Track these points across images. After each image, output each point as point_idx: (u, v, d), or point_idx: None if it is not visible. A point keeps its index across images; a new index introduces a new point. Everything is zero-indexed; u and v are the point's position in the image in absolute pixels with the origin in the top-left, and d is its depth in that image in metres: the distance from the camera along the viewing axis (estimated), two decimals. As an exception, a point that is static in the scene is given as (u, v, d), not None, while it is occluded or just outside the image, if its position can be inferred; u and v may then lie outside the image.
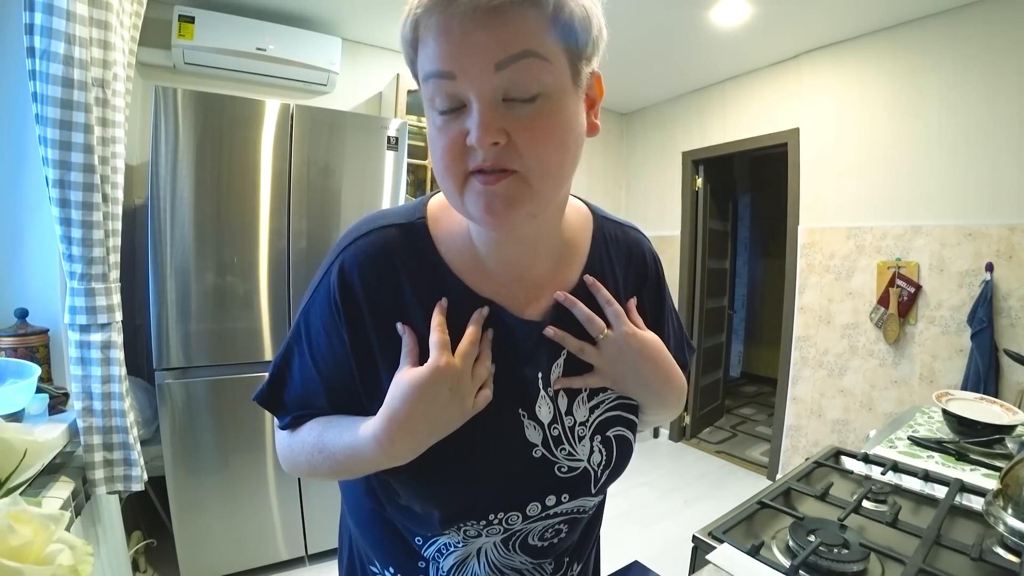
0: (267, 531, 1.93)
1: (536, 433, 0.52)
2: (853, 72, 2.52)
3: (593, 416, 0.54)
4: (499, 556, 0.56)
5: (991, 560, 0.70)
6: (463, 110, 0.40)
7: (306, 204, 1.90)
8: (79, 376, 1.12)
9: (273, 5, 2.30)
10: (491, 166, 0.40)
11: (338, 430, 0.50)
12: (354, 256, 0.50)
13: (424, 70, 0.41)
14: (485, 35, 0.37)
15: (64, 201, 1.05)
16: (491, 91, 0.39)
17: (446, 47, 0.38)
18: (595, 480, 0.55)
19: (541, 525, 0.54)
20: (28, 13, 0.97)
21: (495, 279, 0.52)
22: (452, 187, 0.43)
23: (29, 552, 0.41)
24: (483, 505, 0.51)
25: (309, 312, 0.52)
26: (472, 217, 0.45)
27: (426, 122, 0.44)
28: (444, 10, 0.37)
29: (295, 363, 0.53)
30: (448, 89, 0.39)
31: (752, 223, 5.21)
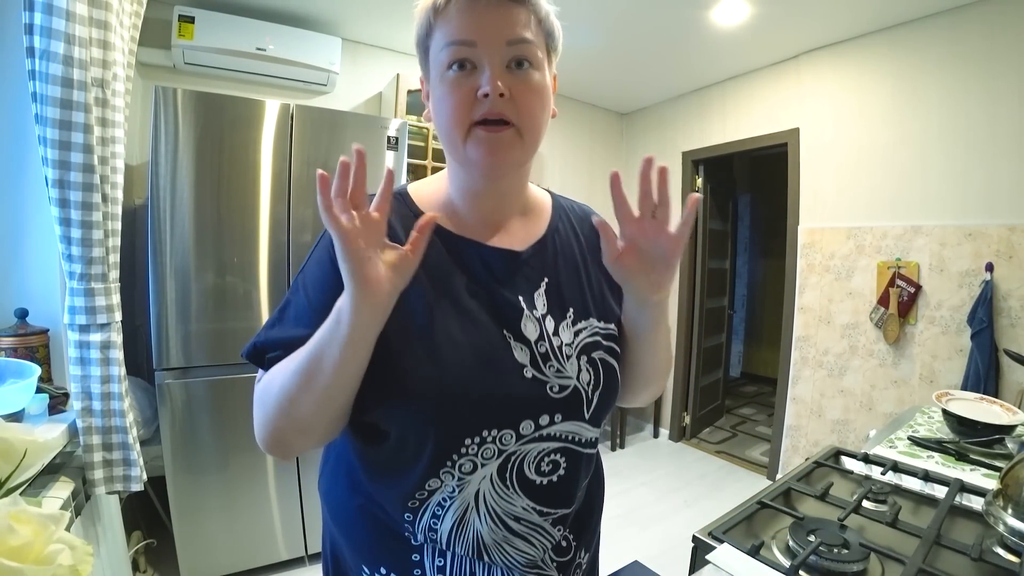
0: (267, 531, 1.93)
1: (523, 354, 0.56)
2: (853, 72, 2.52)
3: (578, 339, 0.59)
4: (498, 498, 0.56)
5: (991, 560, 0.70)
6: (475, 71, 0.51)
7: (306, 204, 1.90)
8: (79, 376, 1.12)
9: (273, 5, 2.30)
10: (496, 116, 0.51)
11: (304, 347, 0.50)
12: None
13: (447, 39, 0.51)
14: (500, 19, 0.51)
15: (64, 201, 1.05)
16: (500, 59, 0.51)
17: (470, 22, 0.50)
18: (587, 402, 0.58)
19: (536, 449, 0.56)
20: (28, 13, 0.97)
21: (472, 228, 0.60)
22: (458, 135, 0.52)
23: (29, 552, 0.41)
24: (477, 420, 0.53)
25: (305, 271, 0.57)
26: (471, 161, 0.53)
27: (433, 86, 0.54)
28: (461, 1, 0.50)
29: (288, 313, 0.56)
30: (467, 54, 0.51)
31: (752, 223, 5.21)
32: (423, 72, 0.58)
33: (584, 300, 0.63)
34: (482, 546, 0.57)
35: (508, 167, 0.55)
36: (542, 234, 0.64)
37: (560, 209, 0.68)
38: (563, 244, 0.65)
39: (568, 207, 0.70)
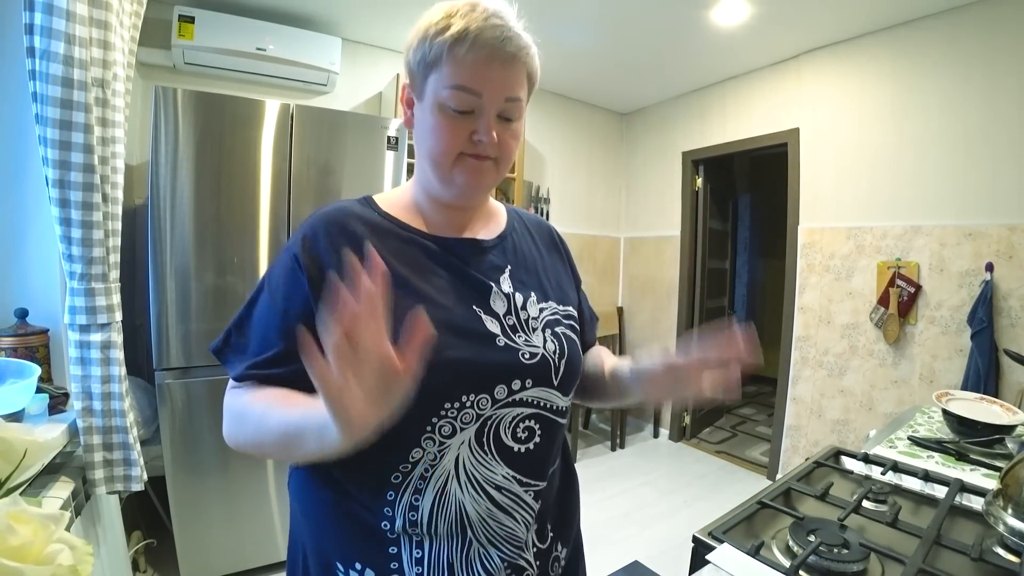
0: (267, 531, 1.93)
1: (494, 324, 0.61)
2: (853, 72, 2.52)
3: (542, 315, 0.66)
4: (477, 464, 0.59)
5: (991, 560, 0.70)
6: (471, 115, 0.58)
7: (306, 204, 1.90)
8: (79, 376, 1.12)
9: (273, 5, 2.31)
10: (484, 154, 0.60)
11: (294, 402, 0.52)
12: (316, 216, 0.62)
13: (456, 81, 0.56)
14: (502, 76, 0.58)
15: (64, 201, 1.05)
16: (497, 111, 0.59)
17: (480, 75, 0.56)
18: (555, 369, 0.64)
19: (511, 414, 0.60)
20: (28, 13, 0.97)
21: (440, 229, 0.66)
22: (446, 160, 0.59)
23: (29, 552, 0.41)
24: (455, 385, 0.57)
25: (272, 270, 0.62)
26: (454, 185, 0.61)
27: (425, 110, 0.60)
28: (479, 50, 0.56)
29: (255, 311, 0.61)
30: (470, 100, 0.57)
31: (752, 223, 5.21)
32: (411, 84, 0.62)
33: (543, 287, 0.70)
34: (466, 520, 0.58)
35: (485, 190, 0.64)
36: (501, 231, 0.72)
37: (514, 214, 0.77)
38: (520, 241, 0.73)
39: (521, 213, 0.79)
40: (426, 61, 0.58)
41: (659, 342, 3.66)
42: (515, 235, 0.73)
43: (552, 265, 0.75)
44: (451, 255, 0.64)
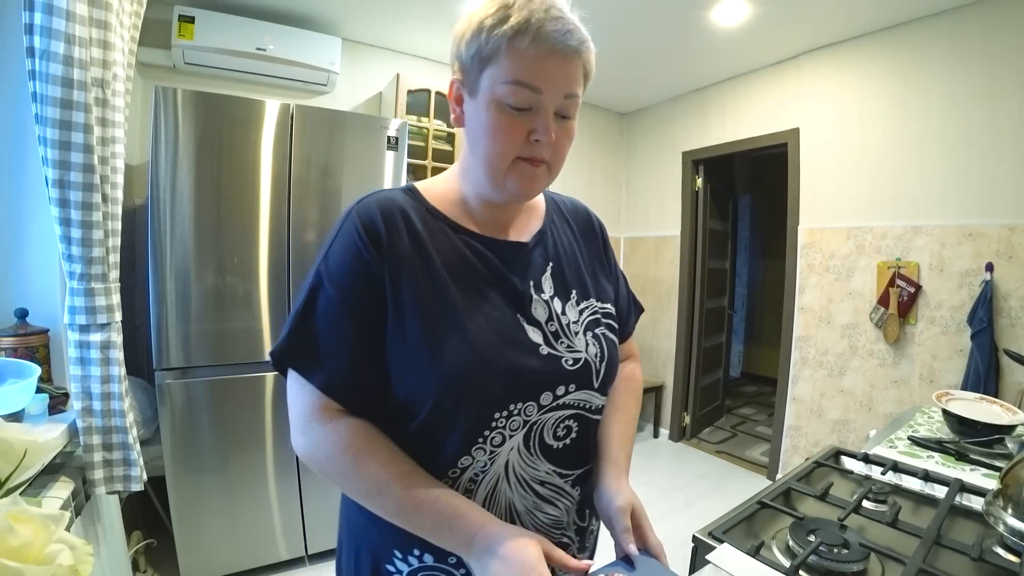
0: (267, 531, 1.93)
1: (536, 334, 0.62)
2: (853, 72, 2.52)
3: (582, 317, 0.67)
4: (525, 466, 0.61)
5: (991, 560, 0.70)
6: (529, 112, 0.56)
7: (306, 204, 1.90)
8: (78, 376, 1.12)
9: (273, 5, 2.31)
10: (540, 157, 0.58)
11: (432, 494, 0.55)
12: (369, 204, 0.61)
13: (515, 75, 0.54)
14: (563, 71, 0.56)
15: (64, 201, 1.05)
16: (555, 108, 0.57)
17: (541, 70, 0.54)
18: (596, 372, 0.65)
19: (554, 417, 0.62)
20: (28, 13, 0.97)
21: (484, 226, 0.66)
22: (500, 164, 0.58)
23: (29, 552, 0.41)
24: (504, 395, 0.58)
25: (330, 259, 0.59)
26: (506, 189, 0.60)
27: (479, 106, 0.57)
28: (541, 44, 0.53)
29: (319, 309, 0.58)
30: (529, 97, 0.55)
31: (752, 223, 5.21)
32: (463, 79, 0.59)
33: (583, 283, 0.70)
34: (515, 513, 0.62)
35: (535, 194, 0.65)
36: (541, 225, 0.71)
37: (552, 203, 0.76)
38: (560, 233, 0.72)
39: (559, 200, 0.78)
40: (482, 54, 0.55)
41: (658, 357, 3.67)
42: (554, 228, 0.72)
43: (591, 256, 0.74)
44: (497, 260, 0.63)
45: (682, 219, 3.48)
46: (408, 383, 0.57)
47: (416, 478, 0.56)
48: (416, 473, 0.56)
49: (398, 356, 0.57)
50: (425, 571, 0.61)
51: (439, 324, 0.57)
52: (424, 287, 0.58)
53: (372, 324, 0.57)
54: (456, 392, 0.56)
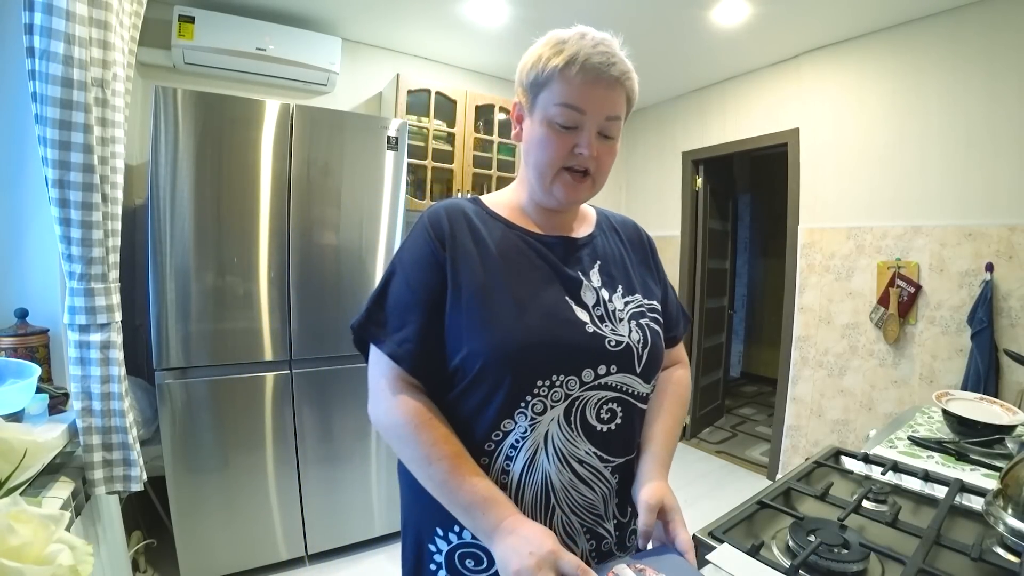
0: (267, 531, 1.93)
1: (583, 314, 0.68)
2: (853, 72, 2.51)
3: (627, 307, 0.73)
4: (565, 440, 0.66)
5: (991, 560, 0.70)
6: (575, 130, 0.66)
7: (306, 204, 1.90)
8: (78, 376, 1.12)
9: (273, 5, 2.31)
10: (583, 168, 0.68)
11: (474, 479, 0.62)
12: (437, 208, 0.72)
13: (563, 99, 0.65)
14: (605, 97, 0.66)
15: (63, 201, 1.05)
16: (598, 128, 0.67)
17: (585, 95, 0.65)
18: (638, 357, 0.70)
19: (596, 396, 0.67)
20: (28, 13, 0.97)
21: (538, 228, 0.75)
22: (549, 173, 0.68)
23: (29, 552, 0.41)
24: (548, 365, 0.64)
25: (403, 253, 0.71)
26: (553, 196, 0.70)
27: (534, 124, 0.68)
28: (586, 73, 0.64)
29: (391, 291, 0.69)
30: (574, 117, 0.65)
31: (752, 223, 5.21)
32: (524, 102, 0.71)
33: (630, 281, 0.77)
34: (551, 488, 0.66)
35: (579, 203, 0.75)
36: (592, 231, 0.79)
37: (602, 216, 0.85)
38: (608, 240, 0.80)
39: (608, 214, 0.87)
40: (538, 81, 0.67)
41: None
42: (603, 235, 0.80)
43: (638, 262, 0.82)
44: (548, 250, 0.72)
45: (682, 219, 3.48)
46: (461, 349, 0.65)
47: (465, 461, 0.63)
48: (465, 456, 0.63)
49: (454, 326, 0.65)
50: (464, 548, 0.68)
51: (490, 297, 0.65)
52: (479, 267, 0.67)
53: (435, 303, 0.66)
54: (501, 357, 0.62)
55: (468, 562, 0.68)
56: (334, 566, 2.04)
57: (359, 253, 2.03)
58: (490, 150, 2.88)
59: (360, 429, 2.07)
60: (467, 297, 0.65)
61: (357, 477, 2.09)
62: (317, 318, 1.95)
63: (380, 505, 2.15)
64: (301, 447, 1.96)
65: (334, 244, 1.97)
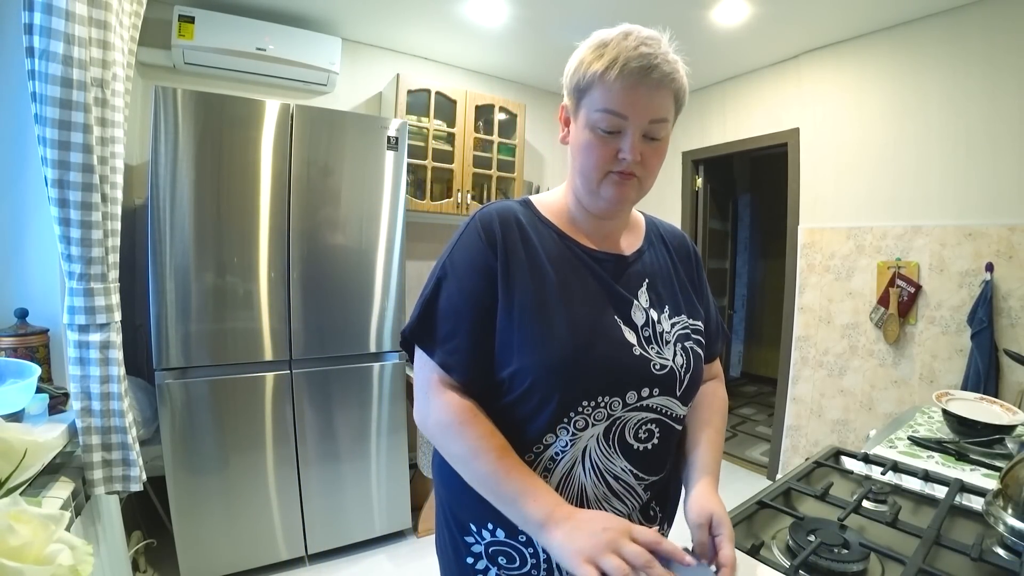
0: (267, 531, 1.93)
1: (631, 335, 0.68)
2: (853, 72, 2.51)
3: (674, 329, 0.72)
4: (601, 457, 0.66)
5: (991, 560, 0.70)
6: (618, 135, 0.64)
7: (306, 204, 1.90)
8: (78, 376, 1.12)
9: (273, 5, 2.31)
10: (629, 171, 0.65)
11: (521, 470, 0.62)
12: (489, 211, 0.71)
13: (605, 104, 0.63)
14: (648, 100, 0.63)
15: (63, 201, 1.05)
16: (642, 131, 0.64)
17: (626, 100, 0.62)
18: (680, 381, 0.69)
19: (636, 417, 0.67)
20: (27, 13, 0.97)
21: (588, 236, 0.74)
22: (595, 176, 0.66)
23: (29, 552, 0.41)
24: (594, 385, 0.64)
25: (454, 255, 0.69)
26: (600, 198, 0.68)
27: (579, 128, 0.67)
28: (626, 78, 0.61)
29: (443, 296, 0.68)
30: (616, 123, 0.63)
31: (752, 223, 5.21)
32: (570, 106, 0.69)
33: (676, 300, 0.76)
34: (586, 499, 0.67)
35: (629, 204, 0.71)
36: (640, 244, 0.78)
37: (652, 226, 0.84)
38: (657, 254, 0.79)
39: (659, 224, 0.86)
40: (580, 87, 0.66)
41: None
42: (653, 249, 0.79)
43: (685, 277, 0.80)
44: (600, 267, 0.71)
45: (682, 219, 3.48)
46: (512, 364, 0.64)
47: (509, 453, 0.63)
48: (509, 449, 0.63)
49: (505, 339, 0.65)
50: (496, 546, 0.69)
51: (543, 314, 0.65)
52: (532, 281, 0.66)
53: (486, 311, 0.66)
54: (552, 376, 0.63)
55: (500, 559, 0.69)
56: (334, 566, 2.04)
57: (359, 253, 2.03)
58: (490, 150, 2.88)
59: (360, 429, 2.07)
60: (520, 312, 0.65)
61: (357, 477, 2.09)
62: (317, 318, 1.95)
63: (380, 505, 2.15)
64: (301, 447, 1.96)
65: (334, 244, 1.97)
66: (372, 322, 2.07)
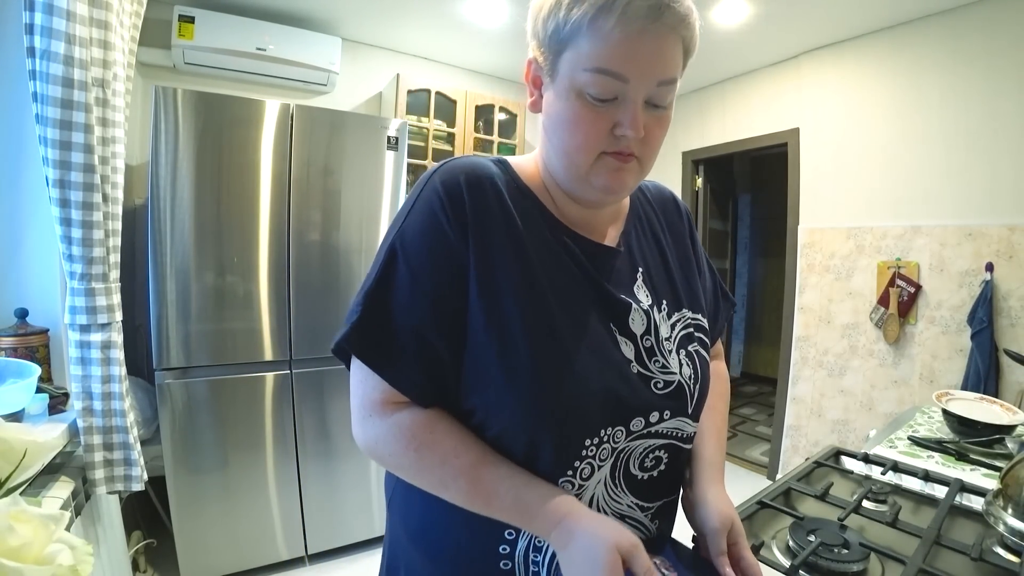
0: (267, 531, 1.93)
1: (628, 348, 0.54)
2: (853, 72, 2.51)
3: (674, 332, 0.59)
4: (608, 499, 0.55)
5: (991, 560, 0.70)
6: (614, 102, 0.47)
7: (306, 204, 1.90)
8: (79, 376, 1.12)
9: (273, 5, 2.31)
10: (628, 151, 0.50)
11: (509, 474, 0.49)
12: (453, 171, 0.52)
13: (597, 62, 0.46)
14: (655, 55, 0.46)
15: (64, 201, 1.05)
16: (645, 97, 0.48)
17: (628, 54, 0.45)
18: (690, 397, 0.57)
19: (642, 446, 0.55)
20: (28, 13, 0.97)
21: (568, 216, 0.57)
22: (584, 159, 0.50)
23: (29, 552, 0.41)
24: (597, 418, 0.51)
25: (404, 233, 0.51)
26: (591, 186, 0.52)
27: (558, 94, 0.49)
28: (628, 24, 0.44)
29: (395, 293, 0.50)
30: (612, 86, 0.46)
31: (752, 223, 5.21)
32: (541, 62, 0.51)
33: (674, 289, 0.62)
34: None
35: (626, 194, 0.57)
36: (624, 225, 0.63)
37: (636, 200, 0.67)
38: (646, 227, 0.65)
39: (643, 186, 0.69)
40: (558, 36, 0.48)
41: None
42: (639, 226, 0.64)
43: (679, 255, 0.66)
44: (587, 260, 0.56)
45: (682, 219, 3.48)
46: (480, 393, 0.51)
47: (482, 469, 0.49)
48: (482, 463, 0.49)
49: (480, 359, 0.50)
50: None
51: (536, 332, 0.50)
52: (520, 282, 0.50)
53: (452, 317, 0.50)
54: (544, 417, 0.49)
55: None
56: (334, 566, 2.04)
57: (359, 253, 2.03)
58: (490, 150, 2.88)
59: (360, 429, 2.07)
60: (501, 326, 0.49)
61: (357, 477, 2.09)
62: (317, 318, 1.95)
63: (380, 505, 2.15)
64: (301, 447, 1.96)
65: (334, 244, 1.97)
66: (372, 322, 2.07)
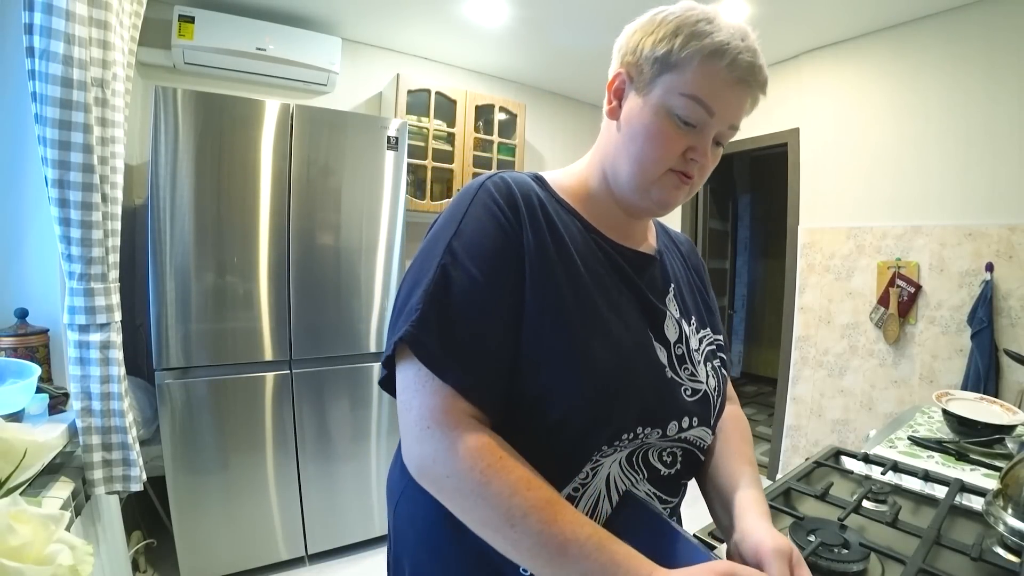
0: (267, 531, 1.93)
1: (663, 353, 0.58)
2: (853, 72, 2.52)
3: (702, 345, 0.64)
4: (623, 478, 0.56)
5: (991, 560, 0.70)
6: (694, 129, 0.55)
7: (306, 204, 1.90)
8: (78, 376, 1.12)
9: (273, 5, 2.30)
10: (690, 173, 0.56)
11: (588, 520, 0.45)
12: (502, 178, 0.57)
13: (695, 91, 0.53)
14: (738, 102, 0.55)
15: (63, 201, 1.05)
16: (717, 133, 0.56)
17: (721, 95, 0.53)
18: (713, 407, 0.61)
19: (664, 445, 0.58)
20: (28, 13, 0.97)
21: (608, 226, 0.62)
22: (654, 171, 0.56)
23: (29, 552, 0.41)
24: (636, 419, 0.53)
25: (463, 234, 0.52)
26: (648, 197, 0.57)
27: (645, 107, 0.56)
28: (733, 71, 0.53)
29: (455, 290, 0.49)
30: (700, 115, 0.54)
31: (752, 223, 5.21)
32: (634, 77, 0.57)
33: (699, 310, 0.68)
34: None
35: (673, 208, 0.61)
36: (657, 244, 0.68)
37: (659, 226, 0.75)
38: (673, 256, 0.71)
39: (664, 226, 0.77)
40: (670, 60, 0.53)
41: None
42: (667, 251, 0.69)
43: (700, 287, 0.73)
44: (627, 265, 0.60)
45: (682, 219, 3.48)
46: (536, 386, 0.51)
47: (559, 509, 0.45)
48: (558, 502, 0.45)
49: (532, 352, 0.51)
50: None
51: (583, 326, 0.52)
52: (566, 279, 0.53)
53: (514, 311, 0.51)
54: (593, 408, 0.51)
55: None
56: (334, 566, 2.04)
57: (359, 253, 2.03)
58: (490, 150, 2.88)
59: (360, 429, 2.07)
60: (554, 318, 0.51)
61: (357, 477, 2.09)
62: (317, 318, 1.95)
63: (380, 505, 2.15)
64: (301, 447, 1.96)
65: (334, 244, 1.97)
66: (372, 322, 2.07)
